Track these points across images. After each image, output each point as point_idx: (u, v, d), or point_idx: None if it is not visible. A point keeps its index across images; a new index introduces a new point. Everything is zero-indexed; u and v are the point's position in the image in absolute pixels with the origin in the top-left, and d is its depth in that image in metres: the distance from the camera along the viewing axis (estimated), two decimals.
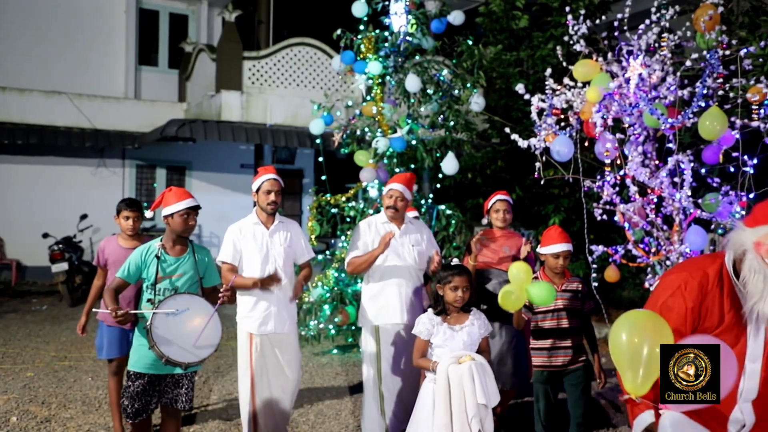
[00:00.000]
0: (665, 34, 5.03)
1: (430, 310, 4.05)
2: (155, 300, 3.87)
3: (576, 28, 5.38)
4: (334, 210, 8.51)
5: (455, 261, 4.11)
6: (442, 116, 8.17)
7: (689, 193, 4.93)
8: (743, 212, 4.84)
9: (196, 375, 4.16)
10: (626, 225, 5.34)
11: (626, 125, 5.22)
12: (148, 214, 4.57)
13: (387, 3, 7.99)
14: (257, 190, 4.71)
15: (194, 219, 4.08)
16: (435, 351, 3.95)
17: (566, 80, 5.37)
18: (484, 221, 5.49)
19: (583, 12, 5.67)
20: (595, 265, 5.32)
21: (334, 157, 11.27)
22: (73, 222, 12.97)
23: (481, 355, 3.90)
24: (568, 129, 5.33)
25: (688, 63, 5.00)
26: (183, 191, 4.08)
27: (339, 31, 8.07)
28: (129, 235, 4.99)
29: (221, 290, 3.98)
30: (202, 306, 3.88)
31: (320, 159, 8.74)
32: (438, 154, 8.12)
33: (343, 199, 8.44)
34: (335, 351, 7.99)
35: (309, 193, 12.48)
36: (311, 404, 6.03)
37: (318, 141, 8.81)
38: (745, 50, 4.77)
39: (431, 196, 8.76)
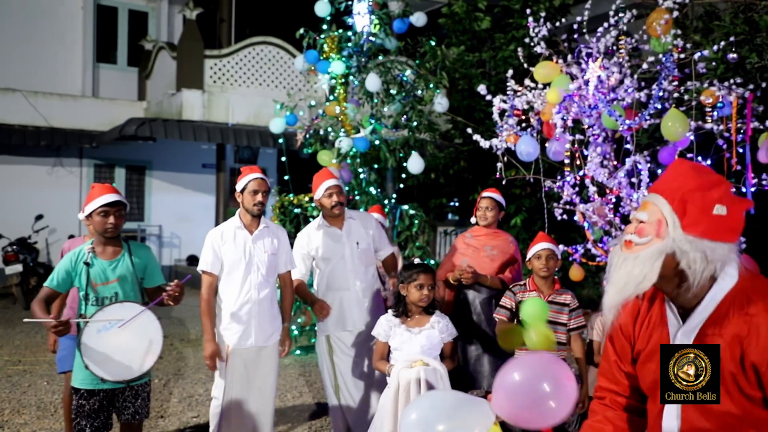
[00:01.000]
0: (623, 37, 5.13)
1: (390, 311, 3.89)
2: (86, 314, 3.53)
3: (537, 30, 5.44)
4: (297, 210, 8.47)
5: (417, 260, 4.01)
6: (405, 116, 8.20)
7: (646, 193, 5.03)
8: None
9: (150, 383, 3.87)
10: (586, 224, 5.43)
11: (586, 126, 5.30)
12: (80, 216, 4.06)
13: (350, 3, 7.98)
14: (242, 190, 4.32)
15: (116, 217, 3.63)
16: (393, 354, 3.82)
17: (527, 81, 5.43)
18: (473, 220, 5.17)
19: (543, 14, 5.74)
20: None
21: (297, 157, 11.21)
22: (28, 223, 12.66)
23: (443, 361, 3.71)
24: (529, 130, 5.40)
25: (644, 66, 5.10)
26: (105, 187, 3.72)
27: (302, 31, 8.04)
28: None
29: (172, 284, 3.62)
30: (134, 309, 3.49)
31: (283, 159, 8.69)
32: (401, 154, 8.14)
33: (306, 199, 8.41)
34: (298, 352, 7.95)
35: (272, 193, 12.38)
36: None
37: (281, 141, 8.76)
38: (699, 54, 4.89)
39: (394, 196, 8.78)
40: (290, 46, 13.48)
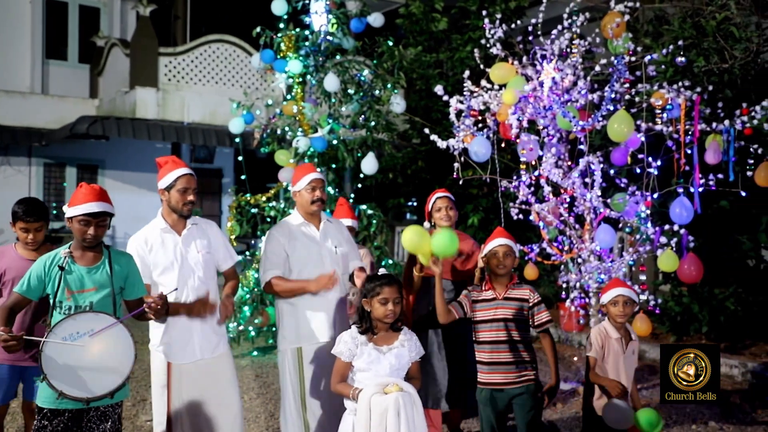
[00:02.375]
0: (576, 40, 5.23)
1: (353, 327, 3.45)
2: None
3: (493, 31, 5.51)
4: (254, 210, 8.39)
5: (382, 270, 3.49)
6: (363, 116, 8.20)
7: (599, 193, 5.14)
8: (648, 211, 5.09)
9: (122, 404, 3.43)
10: (541, 224, 5.51)
11: (541, 127, 5.39)
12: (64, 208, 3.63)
13: (307, 2, 7.94)
14: (168, 188, 3.83)
15: (97, 227, 3.30)
16: (357, 376, 3.38)
17: (484, 82, 5.49)
18: (426, 225, 4.77)
19: (499, 16, 5.82)
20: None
21: (255, 157, 11.12)
22: None
23: (410, 382, 3.35)
24: (485, 130, 5.46)
25: (597, 68, 5.21)
26: (93, 190, 3.38)
27: (258, 29, 7.97)
28: (31, 249, 4.06)
29: (154, 296, 3.30)
30: (106, 321, 3.15)
31: (240, 158, 8.61)
32: (359, 154, 8.14)
33: (264, 198, 8.34)
34: (255, 353, 7.88)
35: (228, 192, 12.24)
36: None
37: (237, 140, 8.67)
38: (649, 57, 5.02)
39: (352, 195, 8.77)
40: (247, 44, 13.35)
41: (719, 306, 7.45)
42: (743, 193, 5.08)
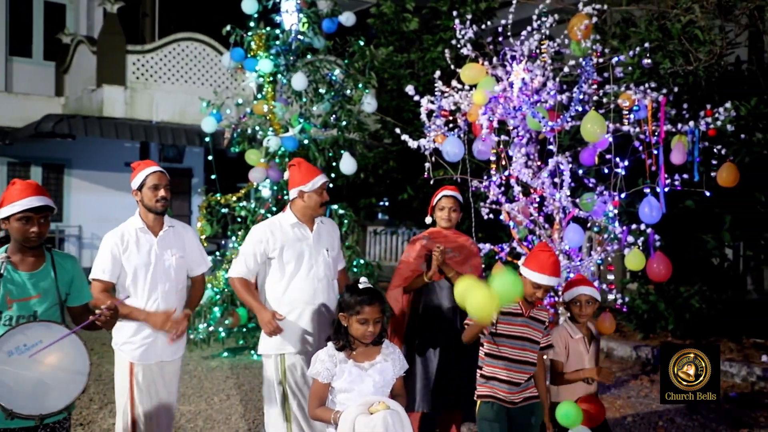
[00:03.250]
0: (545, 41, 5.28)
1: (330, 344, 3.14)
2: None
3: (463, 32, 5.54)
4: (224, 210, 8.33)
5: (363, 281, 3.14)
6: (334, 116, 8.18)
7: (568, 193, 5.20)
8: (615, 211, 5.17)
9: (70, 417, 3.22)
10: (511, 223, 5.56)
11: (511, 127, 5.43)
12: None
13: (278, 0, 7.90)
14: (140, 188, 3.82)
15: (41, 224, 3.04)
16: (338, 397, 3.08)
17: (454, 83, 5.52)
18: (428, 220, 4.68)
19: (470, 17, 5.85)
20: (482, 264, 5.50)
21: (225, 156, 11.03)
22: None
23: (395, 399, 3.06)
24: (456, 130, 5.48)
25: (566, 69, 5.27)
26: (29, 185, 3.10)
27: (228, 28, 7.91)
28: None
29: (102, 307, 3.08)
30: (57, 331, 2.90)
31: (210, 158, 8.53)
32: (330, 154, 8.12)
33: (234, 198, 8.28)
34: (225, 354, 7.82)
35: (198, 192, 12.12)
36: (199, 409, 5.87)
37: (207, 139, 8.59)
38: (616, 59, 5.09)
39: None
40: (217, 43, 13.24)
41: (685, 304, 7.60)
42: (707, 193, 5.18)
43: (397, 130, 5.96)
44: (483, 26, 5.77)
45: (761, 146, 6.34)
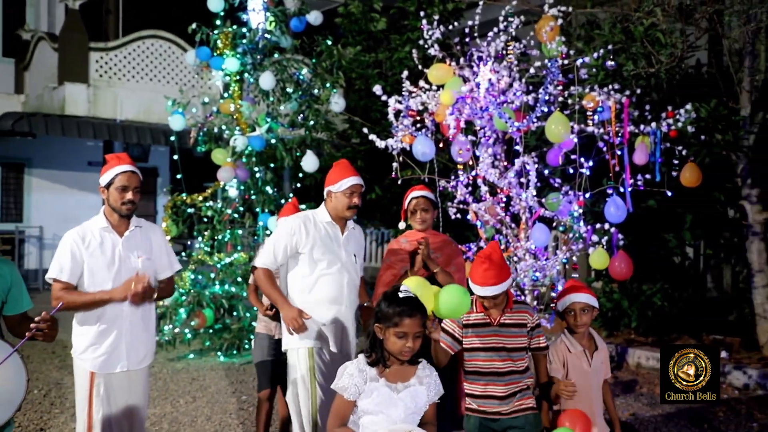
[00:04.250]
0: (512, 43, 5.33)
1: (361, 357, 2.76)
2: None
3: (430, 32, 5.56)
4: (190, 210, 8.24)
5: (405, 289, 2.78)
6: (301, 115, 8.15)
7: (534, 193, 5.26)
8: (580, 210, 5.24)
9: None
10: (478, 223, 5.60)
11: (478, 128, 5.47)
12: None
13: None
14: (108, 185, 3.60)
15: None
16: (363, 419, 2.71)
17: (422, 83, 5.54)
18: (402, 225, 4.55)
19: (437, 18, 5.88)
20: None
21: (191, 155, 10.91)
22: None
23: (424, 428, 2.75)
24: (423, 130, 5.50)
25: (532, 70, 5.32)
26: None
27: (194, 26, 7.82)
28: None
29: (36, 319, 2.82)
30: (5, 353, 2.66)
31: (175, 157, 8.42)
32: (298, 153, 8.09)
33: (200, 198, 8.19)
34: (191, 356, 7.73)
35: (164, 192, 11.97)
36: (165, 412, 5.79)
37: (173, 138, 8.48)
38: (581, 60, 5.16)
39: (291, 195, 8.70)
40: (182, 41, 13.09)
41: (647, 301, 7.74)
42: (669, 193, 5.29)
43: (365, 130, 5.96)
44: (450, 27, 5.81)
45: (720, 147, 6.49)
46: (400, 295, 2.72)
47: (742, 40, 6.54)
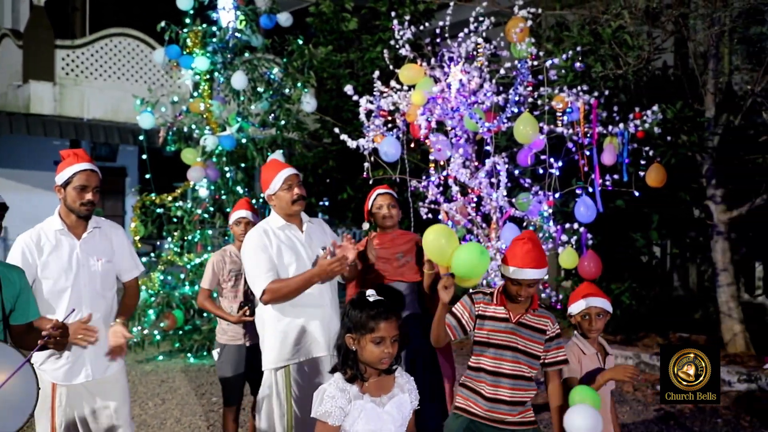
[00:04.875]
0: (482, 43, 5.37)
1: (337, 376, 2.55)
2: None
3: (401, 33, 5.57)
4: (159, 210, 8.14)
5: (371, 293, 2.58)
6: (272, 115, 8.11)
7: (505, 193, 5.30)
8: (550, 210, 5.29)
9: None
10: (450, 223, 5.62)
11: (449, 128, 5.50)
12: None
13: None
14: (65, 185, 3.35)
15: None
16: None
17: (393, 83, 5.54)
18: (366, 226, 4.39)
19: (408, 18, 5.89)
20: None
21: (160, 155, 10.78)
22: None
23: None
24: (394, 130, 5.51)
25: (502, 71, 5.36)
26: None
27: (163, 24, 7.73)
28: None
29: (48, 327, 2.67)
30: (7, 356, 2.53)
31: (144, 156, 8.32)
32: (269, 153, 8.04)
33: (170, 198, 8.10)
34: (160, 357, 7.64)
35: (132, 192, 11.80)
36: (133, 414, 5.72)
37: (142, 137, 8.38)
38: (550, 61, 5.21)
39: (262, 195, 8.66)
40: (151, 39, 12.92)
41: (615, 300, 7.85)
42: (636, 193, 5.37)
43: (337, 130, 5.95)
44: (421, 27, 5.82)
45: (686, 148, 6.61)
46: (370, 299, 2.53)
47: (706, 43, 6.67)
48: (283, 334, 3.50)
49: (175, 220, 8.07)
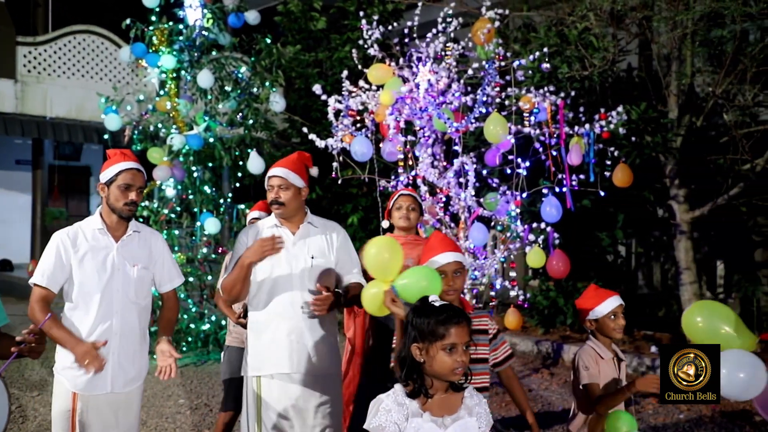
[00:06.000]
0: (450, 44, 5.40)
1: (397, 387, 2.30)
2: None
3: (370, 33, 5.58)
4: None
5: (434, 298, 2.39)
6: (240, 114, 8.04)
7: (473, 193, 5.34)
8: (517, 210, 5.34)
9: None
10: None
11: (417, 128, 5.52)
12: None
13: None
14: (109, 183, 3.23)
15: None
16: None
17: (362, 83, 5.55)
18: (385, 224, 4.25)
19: (377, 18, 5.90)
20: None
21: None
22: None
23: None
24: (363, 130, 5.51)
25: (470, 71, 5.40)
26: None
27: (128, 21, 7.62)
28: None
29: (24, 332, 2.52)
30: None
31: None
32: (237, 153, 7.98)
33: None
34: None
35: (97, 192, 11.62)
36: None
37: (106, 136, 8.24)
38: (518, 62, 5.26)
39: (230, 195, 8.58)
40: (116, 36, 12.73)
41: None
42: (602, 193, 5.45)
43: (305, 130, 5.94)
44: (390, 27, 5.83)
45: (650, 149, 6.72)
46: (435, 304, 2.32)
47: (669, 46, 6.79)
48: (255, 341, 3.32)
49: (141, 220, 7.94)
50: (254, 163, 7.44)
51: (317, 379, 3.26)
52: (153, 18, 7.68)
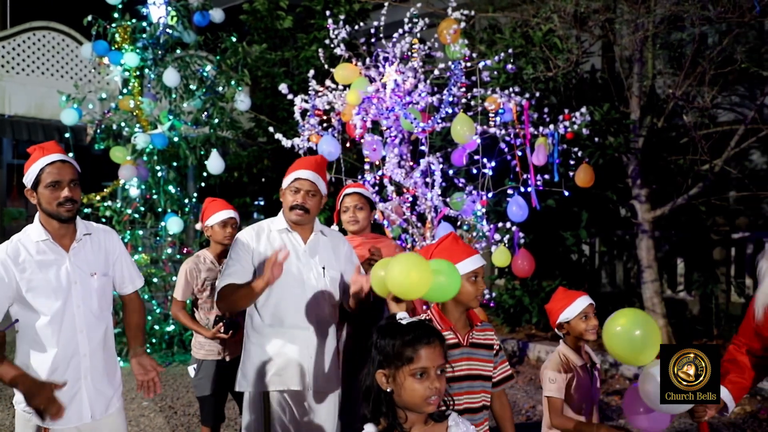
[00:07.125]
0: (416, 42, 5.42)
1: (368, 427, 1.95)
2: None
3: (337, 32, 5.57)
4: (87, 210, 7.86)
5: (403, 315, 2.05)
6: (206, 113, 7.96)
7: (439, 193, 5.36)
8: (483, 210, 5.39)
9: None
10: (385, 222, 5.65)
11: (384, 128, 5.52)
12: None
13: None
14: (35, 185, 2.75)
15: None
16: None
17: (328, 82, 5.53)
18: (335, 228, 3.80)
19: (343, 17, 5.89)
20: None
21: (88, 153, 10.42)
22: None
23: None
24: (330, 130, 5.50)
25: (436, 72, 5.43)
26: None
27: (90, 18, 7.48)
28: None
29: None
30: None
31: (70, 155, 8.01)
32: (202, 152, 7.90)
33: (98, 198, 7.84)
34: None
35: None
36: None
37: (68, 135, 8.08)
38: (483, 63, 5.30)
39: (195, 195, 8.48)
40: (78, 33, 12.49)
41: (547, 298, 8.04)
42: (566, 193, 5.52)
43: (271, 129, 5.90)
44: (356, 27, 5.83)
45: (613, 149, 6.84)
46: (402, 321, 2.01)
47: (631, 48, 6.91)
48: (261, 354, 3.07)
49: (104, 220, 7.81)
50: (214, 163, 7.28)
51: (323, 396, 3.10)
52: (115, 15, 7.56)
